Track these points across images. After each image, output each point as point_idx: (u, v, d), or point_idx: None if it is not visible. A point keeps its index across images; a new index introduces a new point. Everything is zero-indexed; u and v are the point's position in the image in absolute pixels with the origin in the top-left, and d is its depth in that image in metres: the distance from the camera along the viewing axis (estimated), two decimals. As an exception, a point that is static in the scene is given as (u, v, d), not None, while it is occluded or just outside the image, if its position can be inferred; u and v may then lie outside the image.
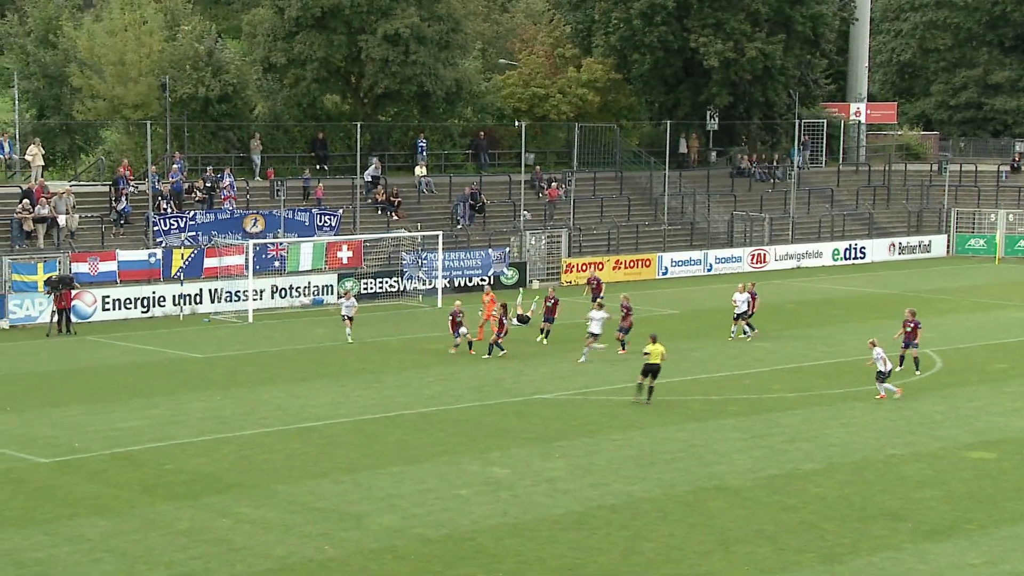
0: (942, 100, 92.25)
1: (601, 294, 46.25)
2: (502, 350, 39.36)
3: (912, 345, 37.07)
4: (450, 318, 40.37)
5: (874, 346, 34.13)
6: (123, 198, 51.59)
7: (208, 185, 54.28)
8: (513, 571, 21.32)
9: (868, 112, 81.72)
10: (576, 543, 22.67)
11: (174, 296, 48.15)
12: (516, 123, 64.01)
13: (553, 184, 63.04)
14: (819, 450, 29.06)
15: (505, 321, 39.64)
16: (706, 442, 29.66)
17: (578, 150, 66.53)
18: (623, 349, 39.87)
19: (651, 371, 33.11)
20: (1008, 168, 76.39)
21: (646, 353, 33.14)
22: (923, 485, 26.41)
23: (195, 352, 40.88)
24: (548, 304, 42.58)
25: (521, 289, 40.57)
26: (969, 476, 27.17)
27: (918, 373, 36.58)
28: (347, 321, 42.31)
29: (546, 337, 42.05)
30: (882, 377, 34.03)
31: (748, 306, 43.47)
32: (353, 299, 43.17)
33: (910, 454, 28.81)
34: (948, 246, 70.85)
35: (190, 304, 48.42)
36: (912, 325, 36.82)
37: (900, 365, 36.86)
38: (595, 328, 38.97)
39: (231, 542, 22.55)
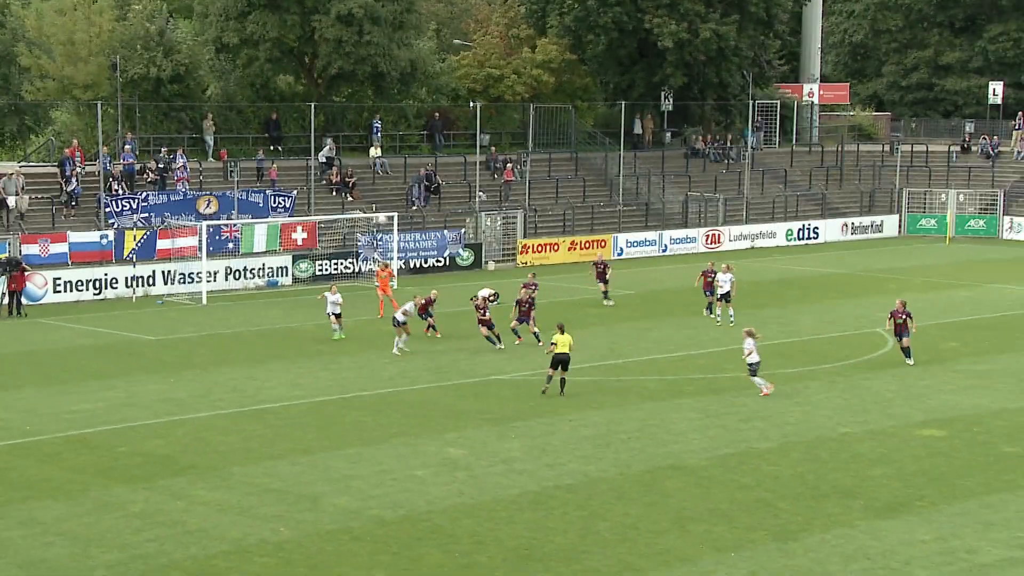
0: (894, 81, 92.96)
1: (608, 276, 46.13)
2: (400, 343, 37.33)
3: (904, 335, 36.06)
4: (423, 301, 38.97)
5: (749, 336, 32.09)
6: (74, 179, 51.04)
7: (161, 166, 53.82)
8: (469, 551, 21.37)
9: (821, 93, 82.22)
10: (533, 523, 22.75)
11: (127, 278, 47.78)
12: (471, 104, 63.90)
13: (508, 165, 62.99)
14: (774, 429, 29.29)
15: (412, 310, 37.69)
16: (662, 422, 29.81)
17: (533, 131, 66.52)
18: (519, 338, 38.37)
19: (561, 362, 31.52)
20: (958, 148, 77.12)
21: (553, 343, 31.57)
22: (875, 463, 26.69)
23: (149, 334, 40.59)
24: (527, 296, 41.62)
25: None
26: (921, 454, 27.48)
27: (910, 362, 35.87)
28: (334, 318, 39.21)
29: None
30: (753, 370, 32.15)
31: (732, 287, 42.44)
32: (339, 294, 39.79)
33: (863, 432, 29.10)
34: (900, 226, 71.47)
35: (143, 286, 48.06)
36: (903, 316, 35.82)
37: (908, 358, 36.02)
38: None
39: (186, 524, 22.46)
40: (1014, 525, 22.86)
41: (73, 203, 50.93)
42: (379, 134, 62.27)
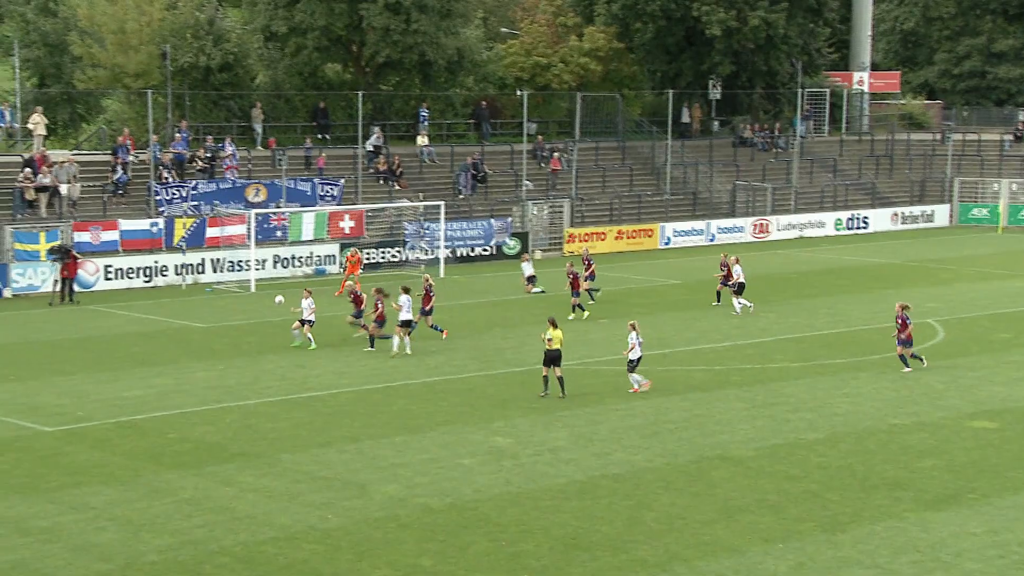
0: (946, 69, 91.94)
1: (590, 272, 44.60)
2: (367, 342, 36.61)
3: (905, 344, 33.82)
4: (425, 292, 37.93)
5: (633, 329, 31.07)
6: (119, 168, 51.48)
7: (209, 155, 54.18)
8: (516, 540, 21.40)
9: (871, 81, 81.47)
10: (579, 512, 22.74)
11: (176, 266, 48.18)
12: (518, 92, 63.82)
13: (555, 154, 62.89)
14: (822, 420, 29.11)
15: (381, 305, 35.83)
16: (709, 412, 29.70)
17: (580, 120, 66.35)
18: (444, 332, 37.63)
19: (553, 359, 30.31)
20: (1011, 137, 76.19)
21: (549, 339, 30.28)
22: (925, 455, 26.47)
23: (198, 322, 40.91)
24: (570, 278, 41.72)
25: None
26: (971, 446, 27.22)
27: (907, 370, 33.75)
28: (307, 326, 36.60)
29: (579, 309, 41.47)
30: (632, 366, 31.22)
31: (741, 277, 42.43)
32: (312, 299, 37.09)
33: (913, 424, 28.85)
34: (951, 215, 70.75)
35: (192, 274, 48.44)
36: (900, 321, 33.69)
37: (907, 366, 33.92)
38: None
39: (235, 510, 22.63)
40: (1067, 519, 22.61)
41: (120, 191, 51.37)
42: (426, 122, 62.35)
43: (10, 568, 20.01)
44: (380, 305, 35.86)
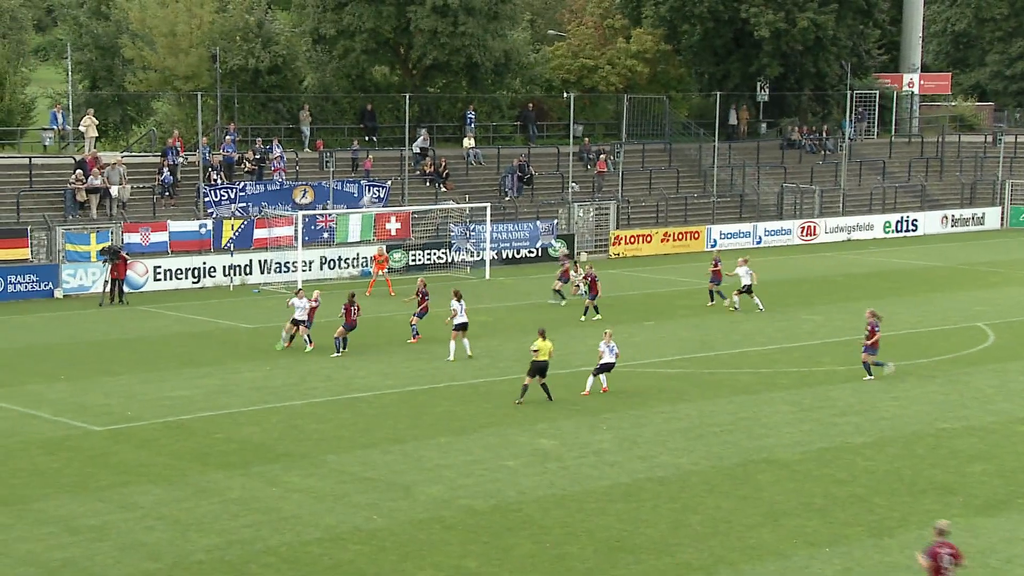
0: (997, 70, 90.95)
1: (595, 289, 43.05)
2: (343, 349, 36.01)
3: (870, 351, 33.04)
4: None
5: (607, 336, 31.13)
6: (165, 169, 51.90)
7: (257, 156, 54.54)
8: (561, 542, 21.38)
9: (921, 83, 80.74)
10: (624, 515, 22.68)
11: (224, 267, 48.53)
12: (564, 94, 63.76)
13: (601, 156, 62.79)
14: (869, 424, 28.88)
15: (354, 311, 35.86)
16: (755, 415, 29.55)
17: (627, 122, 66.20)
18: (415, 337, 37.62)
19: (539, 370, 30.07)
20: (1064, 139, 75.27)
21: (534, 350, 30.10)
22: (975, 459, 26.19)
23: (245, 322, 41.19)
24: (587, 280, 41.94)
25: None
26: (1022, 450, 26.91)
27: (868, 378, 32.89)
28: (291, 325, 36.22)
29: (593, 311, 41.70)
30: (600, 369, 31.09)
31: (752, 279, 42.59)
32: (305, 299, 36.65)
33: (962, 428, 28.57)
34: (1002, 218, 69.99)
35: (240, 275, 48.77)
36: (869, 327, 32.81)
37: (869, 374, 33.04)
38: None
39: (281, 511, 22.76)
40: (1119, 526, 22.30)
41: (167, 193, 51.79)
42: (473, 125, 62.44)
43: (60, 566, 20.23)
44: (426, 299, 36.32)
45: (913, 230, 66.99)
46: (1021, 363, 35.27)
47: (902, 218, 67.09)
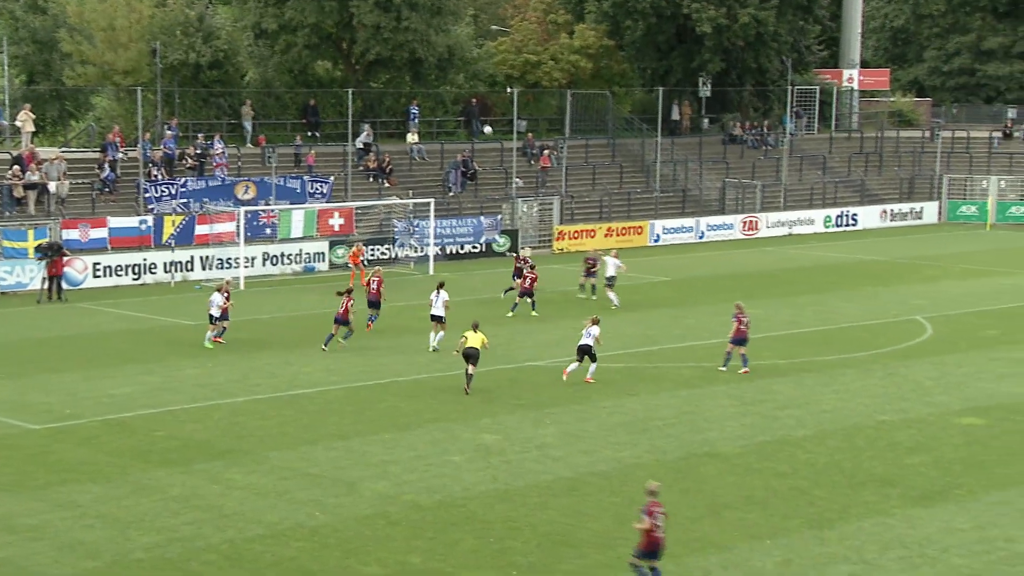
0: (935, 66, 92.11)
1: (594, 270, 44.75)
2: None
3: (739, 343, 33.11)
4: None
5: (595, 324, 32.06)
6: (106, 165, 51.36)
7: (199, 152, 54.10)
8: (504, 537, 21.41)
9: (861, 79, 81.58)
10: (567, 509, 22.76)
11: (165, 263, 48.11)
12: (508, 90, 63.80)
13: (545, 151, 62.90)
14: (810, 416, 29.17)
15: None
16: (697, 409, 29.74)
17: (570, 117, 66.34)
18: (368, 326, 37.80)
19: (469, 356, 30.49)
20: (1000, 134, 76.33)
21: (464, 338, 30.73)
22: (913, 451, 26.53)
23: (187, 319, 40.84)
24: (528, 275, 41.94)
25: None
26: (959, 442, 27.30)
27: (722, 369, 33.20)
28: (216, 324, 35.92)
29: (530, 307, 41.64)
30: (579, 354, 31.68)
31: (616, 272, 42.93)
32: (224, 294, 36.12)
33: (900, 420, 28.92)
34: (940, 213, 70.89)
35: (181, 271, 48.37)
36: (735, 320, 33.06)
37: (724, 365, 33.34)
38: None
39: (223, 508, 22.62)
40: (1053, 515, 22.69)
41: (108, 189, 51.25)
42: (416, 120, 62.32)
43: (-3, 566, 20.00)
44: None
45: (853, 225, 67.70)
46: (958, 356, 35.78)
47: (842, 213, 67.77)
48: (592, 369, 31.87)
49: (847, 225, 67.50)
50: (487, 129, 65.17)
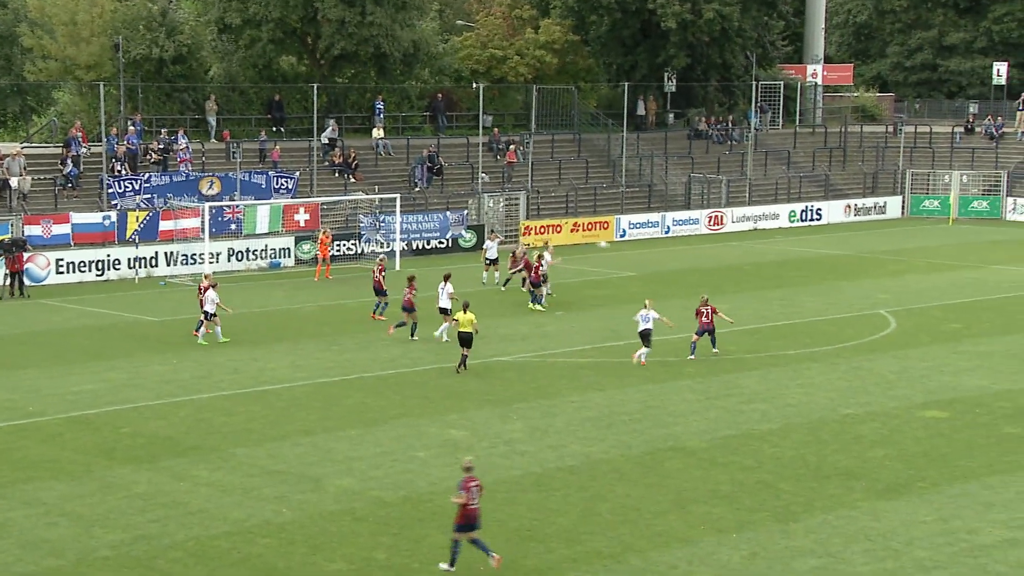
0: (898, 62, 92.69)
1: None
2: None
3: (706, 332, 34.21)
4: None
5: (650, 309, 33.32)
6: (69, 161, 50.98)
7: (162, 147, 53.79)
8: (472, 532, 21.40)
9: (825, 74, 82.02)
10: (534, 504, 22.79)
11: (129, 259, 47.81)
12: (474, 85, 63.76)
13: (511, 147, 62.90)
14: (775, 411, 29.32)
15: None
16: (663, 404, 29.84)
17: (536, 112, 66.38)
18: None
19: (461, 340, 32.16)
20: (962, 130, 76.91)
21: (455, 320, 32.61)
22: (877, 444, 26.72)
23: (151, 315, 40.63)
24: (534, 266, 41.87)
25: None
26: (922, 435, 27.51)
27: (691, 357, 34.11)
28: (210, 318, 36.07)
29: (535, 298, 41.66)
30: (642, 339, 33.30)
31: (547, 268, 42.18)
32: (214, 291, 36.07)
33: (865, 414, 29.12)
34: (903, 207, 71.39)
35: (146, 267, 48.08)
36: (699, 310, 34.22)
37: (692, 354, 34.23)
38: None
39: (188, 505, 22.52)
40: (1015, 506, 22.90)
41: (71, 185, 50.87)
42: (382, 115, 62.18)
43: (-40, 565, 19.83)
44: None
45: (817, 219, 68.07)
46: (921, 349, 36.05)
47: (807, 207, 68.12)
48: (645, 352, 33.31)
49: (811, 220, 67.86)
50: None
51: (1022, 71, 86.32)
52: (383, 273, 39.59)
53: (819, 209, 68.47)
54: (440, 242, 55.47)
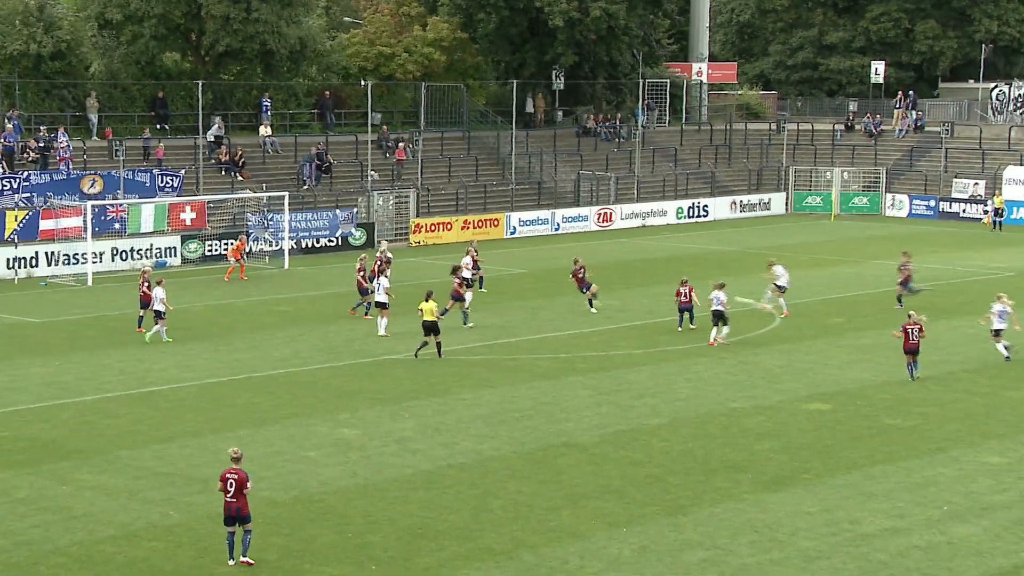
0: (780, 60, 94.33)
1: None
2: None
3: (686, 311, 37.72)
4: None
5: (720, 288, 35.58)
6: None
7: (41, 145, 52.58)
8: (363, 531, 21.31)
9: (709, 72, 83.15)
10: (426, 502, 22.76)
11: (8, 259, 46.66)
12: (362, 82, 63.41)
13: (400, 144, 62.70)
14: (665, 405, 29.65)
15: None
16: (555, 399, 29.99)
17: (425, 110, 66.27)
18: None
19: (427, 328, 33.36)
20: (842, 127, 78.58)
21: (420, 310, 33.57)
22: (763, 437, 27.17)
23: (33, 317, 39.70)
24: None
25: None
26: (806, 427, 28.04)
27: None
28: (160, 319, 35.47)
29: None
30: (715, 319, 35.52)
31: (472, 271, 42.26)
32: (160, 288, 35.74)
33: (751, 407, 29.59)
34: (787, 203, 72.66)
35: (26, 267, 46.96)
36: (679, 291, 37.67)
37: (689, 325, 37.88)
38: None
39: (72, 509, 22.06)
40: (895, 496, 23.45)
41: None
42: (269, 113, 61.54)
43: None
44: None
45: (704, 215, 69.00)
46: (806, 343, 36.74)
47: (694, 204, 69.01)
48: (725, 331, 35.77)
49: (698, 216, 68.76)
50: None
51: (899, 70, 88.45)
52: (362, 273, 39.11)
53: (706, 206, 69.40)
54: (330, 240, 55.07)
